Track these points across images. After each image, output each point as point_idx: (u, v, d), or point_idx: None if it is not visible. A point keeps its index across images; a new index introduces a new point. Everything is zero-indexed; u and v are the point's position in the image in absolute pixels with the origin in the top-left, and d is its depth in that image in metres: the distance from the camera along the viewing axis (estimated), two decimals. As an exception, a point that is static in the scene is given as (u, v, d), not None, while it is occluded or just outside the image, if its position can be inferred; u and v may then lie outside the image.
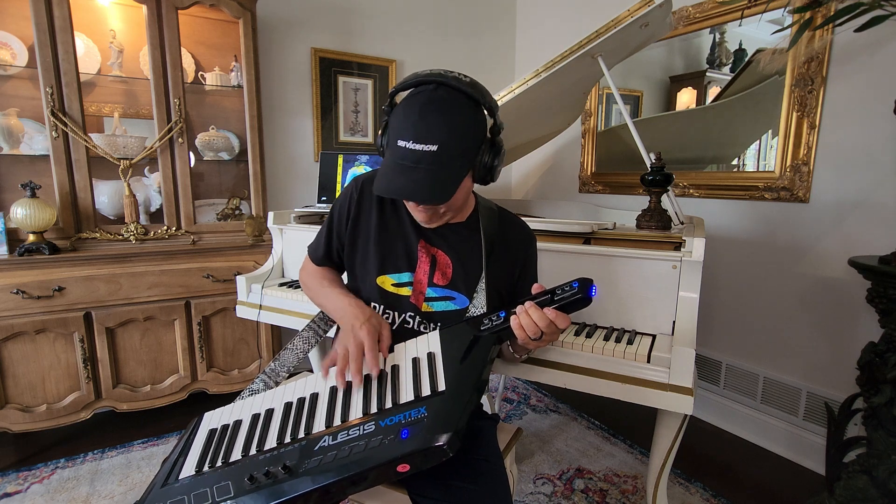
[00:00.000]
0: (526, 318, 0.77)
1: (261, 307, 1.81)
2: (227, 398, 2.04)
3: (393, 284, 0.96)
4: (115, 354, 1.90)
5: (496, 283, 0.98)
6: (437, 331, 0.87)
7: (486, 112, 0.87)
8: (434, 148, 0.79)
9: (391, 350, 0.88)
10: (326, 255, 1.07)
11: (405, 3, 2.75)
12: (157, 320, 1.95)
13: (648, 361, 1.11)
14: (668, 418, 1.21)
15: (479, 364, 0.78)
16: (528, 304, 0.78)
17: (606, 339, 1.21)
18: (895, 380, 1.15)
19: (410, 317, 0.96)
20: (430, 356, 0.82)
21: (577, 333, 1.26)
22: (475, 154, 0.86)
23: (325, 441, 0.73)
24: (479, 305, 0.94)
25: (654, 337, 1.22)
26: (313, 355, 2.13)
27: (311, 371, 2.21)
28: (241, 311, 1.89)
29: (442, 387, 0.76)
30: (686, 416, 1.17)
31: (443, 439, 0.66)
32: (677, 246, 1.25)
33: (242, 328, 2.12)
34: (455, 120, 0.81)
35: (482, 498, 0.85)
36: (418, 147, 0.79)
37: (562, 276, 1.37)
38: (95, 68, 2.01)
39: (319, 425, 0.77)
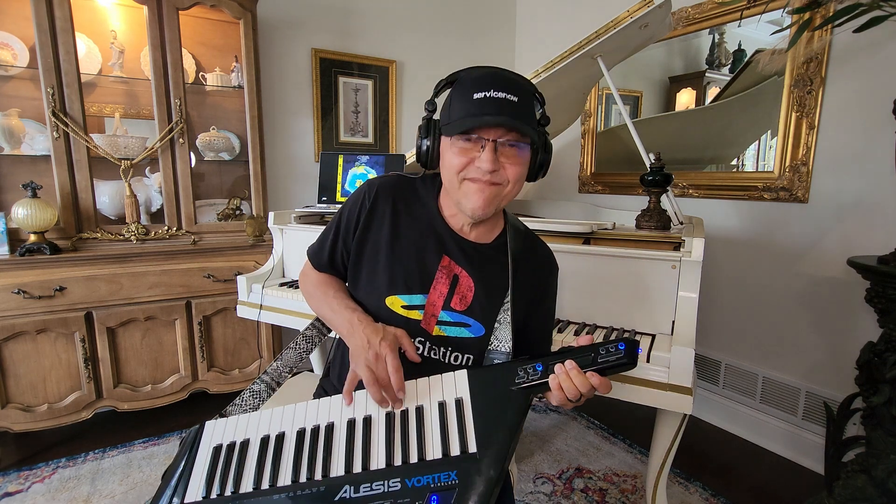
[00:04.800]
0: (567, 382, 0.72)
1: (261, 307, 1.81)
2: (227, 397, 2.05)
3: (403, 306, 0.86)
4: (115, 354, 1.90)
5: (516, 312, 0.89)
6: (465, 372, 0.79)
7: (537, 100, 0.84)
8: (515, 99, 0.77)
9: (417, 367, 0.82)
10: (330, 261, 0.96)
11: (405, 3, 2.76)
12: (157, 320, 1.95)
13: (648, 361, 1.12)
14: (668, 418, 1.22)
15: (512, 427, 0.72)
16: (569, 364, 0.72)
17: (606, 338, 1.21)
18: (894, 379, 1.15)
19: (420, 342, 0.86)
20: (459, 403, 0.75)
21: (576, 333, 1.26)
22: (535, 134, 0.81)
23: (346, 491, 0.68)
24: (502, 339, 0.86)
25: (653, 336, 1.22)
26: (314, 356, 2.13)
27: (312, 371, 2.22)
28: (242, 311, 1.90)
29: (472, 447, 0.71)
30: (685, 415, 1.17)
31: None
32: (676, 246, 1.26)
33: (243, 328, 2.12)
34: (525, 85, 0.80)
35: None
36: (500, 95, 0.76)
37: (561, 276, 1.37)
38: (96, 69, 2.01)
39: (338, 467, 0.72)
